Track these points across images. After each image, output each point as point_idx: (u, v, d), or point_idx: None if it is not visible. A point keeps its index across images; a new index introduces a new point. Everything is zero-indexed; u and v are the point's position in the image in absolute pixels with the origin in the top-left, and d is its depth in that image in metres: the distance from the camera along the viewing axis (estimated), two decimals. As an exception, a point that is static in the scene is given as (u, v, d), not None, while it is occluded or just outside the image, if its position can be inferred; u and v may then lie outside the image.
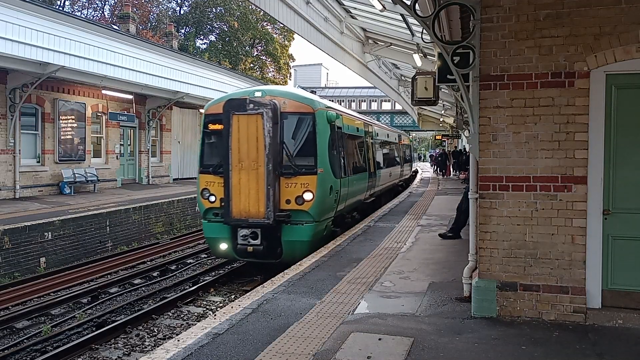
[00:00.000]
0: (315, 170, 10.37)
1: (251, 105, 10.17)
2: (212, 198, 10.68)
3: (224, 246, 10.62)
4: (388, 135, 21.81)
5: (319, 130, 10.63)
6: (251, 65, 50.68)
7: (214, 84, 26.08)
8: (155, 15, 47.23)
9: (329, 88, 63.70)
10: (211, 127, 11.17)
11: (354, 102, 56.49)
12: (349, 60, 17.25)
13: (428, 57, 14.46)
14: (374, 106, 55.98)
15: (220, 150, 10.46)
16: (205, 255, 14.48)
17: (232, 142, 10.18)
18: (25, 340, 8.25)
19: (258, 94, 10.60)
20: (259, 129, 10.09)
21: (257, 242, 10.27)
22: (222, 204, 10.39)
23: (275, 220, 10.10)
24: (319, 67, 70.58)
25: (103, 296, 10.68)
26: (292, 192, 10.29)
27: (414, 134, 64.06)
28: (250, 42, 50.54)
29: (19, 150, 17.31)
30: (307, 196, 10.24)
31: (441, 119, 34.61)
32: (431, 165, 48.89)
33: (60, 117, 19.20)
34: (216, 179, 10.61)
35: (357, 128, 14.76)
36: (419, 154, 75.82)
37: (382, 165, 18.63)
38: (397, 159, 24.45)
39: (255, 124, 10.12)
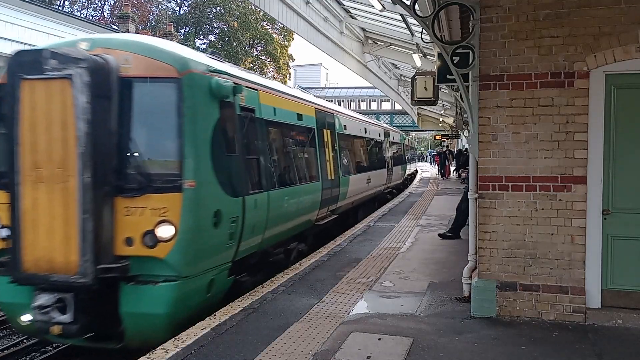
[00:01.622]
0: (178, 184, 5.71)
1: (52, 63, 5.49)
2: (3, 232, 5.93)
3: (26, 318, 5.89)
4: (366, 130, 16.95)
5: (191, 110, 5.93)
6: (251, 65, 50.65)
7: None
8: (154, 15, 47.21)
9: (329, 88, 63.71)
10: None
11: (353, 102, 56.55)
12: (349, 60, 17.26)
13: (428, 57, 14.48)
14: (374, 106, 56.02)
15: (4, 146, 5.81)
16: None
17: (22, 132, 5.59)
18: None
19: (83, 45, 6.04)
20: (66, 107, 5.50)
21: (67, 317, 5.61)
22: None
23: (100, 277, 5.51)
24: (319, 67, 70.61)
25: None
26: (137, 224, 5.67)
27: (413, 134, 64.04)
28: (250, 42, 50.52)
29: None
30: (164, 231, 5.64)
31: (441, 119, 34.62)
32: (433, 166, 48.77)
33: None
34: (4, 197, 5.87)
35: (298, 115, 9.87)
36: (421, 154, 75.32)
37: (353, 169, 14.18)
38: (382, 161, 19.29)
39: (59, 97, 5.52)
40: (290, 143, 9.64)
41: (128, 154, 5.87)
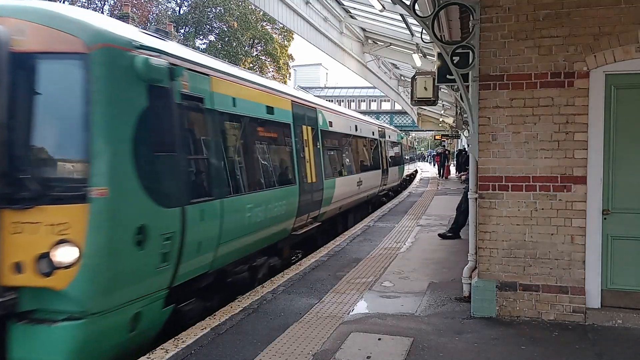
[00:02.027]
0: (83, 193, 4.48)
1: None
2: None
3: None
4: (357, 127, 15.40)
5: (104, 95, 4.70)
6: (251, 65, 50.65)
7: None
8: (154, 15, 47.21)
9: (329, 88, 63.72)
10: None
11: (353, 102, 56.61)
12: (349, 60, 17.27)
13: (427, 57, 14.48)
14: (374, 106, 56.08)
15: None
16: None
17: None
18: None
19: None
20: None
21: None
22: None
23: None
24: (319, 67, 70.61)
25: None
26: (29, 244, 4.44)
27: (413, 134, 64.05)
28: (249, 42, 50.52)
29: None
30: (64, 254, 4.43)
31: (441, 119, 34.61)
32: (433, 165, 48.73)
33: None
34: None
35: (268, 108, 8.32)
36: (421, 154, 75.09)
37: (340, 170, 12.86)
38: (376, 162, 17.93)
39: None
40: (256, 141, 8.08)
41: (18, 153, 4.47)
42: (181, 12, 49.55)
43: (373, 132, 18.06)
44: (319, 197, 10.52)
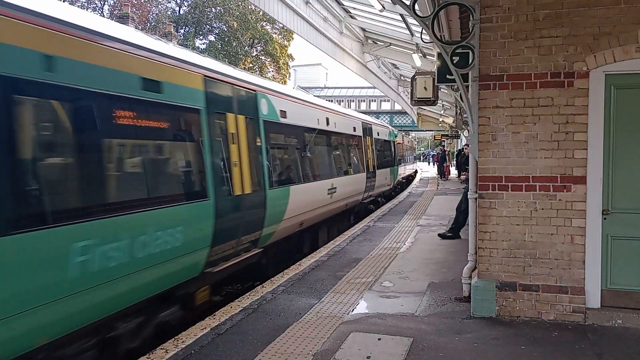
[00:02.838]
0: None
1: None
2: None
3: None
4: (329, 121, 12.35)
5: None
6: (250, 65, 50.66)
7: None
8: (154, 15, 47.23)
9: (329, 88, 63.73)
10: None
11: (353, 102, 56.64)
12: (349, 60, 17.27)
13: (427, 57, 14.49)
14: (374, 106, 56.08)
15: None
16: None
17: None
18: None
19: None
20: None
21: None
22: None
23: None
24: (319, 67, 70.61)
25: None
26: None
27: (413, 134, 64.06)
28: (249, 42, 50.53)
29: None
30: None
31: (440, 119, 34.60)
32: (433, 165, 48.71)
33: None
34: None
35: (147, 82, 5.37)
36: (422, 154, 74.87)
37: (299, 175, 9.94)
38: (358, 163, 15.23)
39: None
40: (109, 133, 5.00)
41: None
42: (181, 12, 49.58)
43: (354, 128, 15.17)
44: (259, 213, 7.70)
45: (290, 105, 9.66)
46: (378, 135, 18.72)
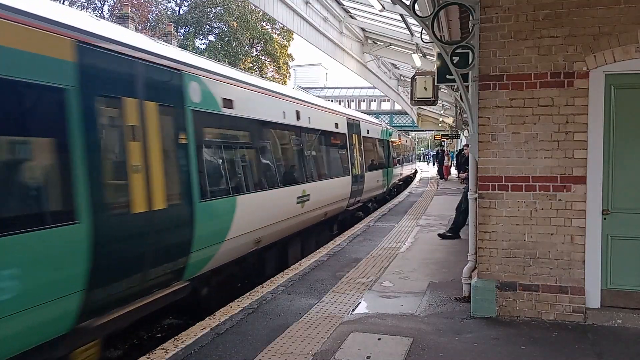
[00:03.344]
0: None
1: None
2: None
3: None
4: (300, 115, 10.26)
5: None
6: (250, 65, 50.66)
7: None
8: (154, 15, 47.23)
9: (329, 88, 63.73)
10: None
11: (353, 102, 56.61)
12: (348, 60, 17.28)
13: (427, 57, 14.49)
14: (374, 106, 56.05)
15: None
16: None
17: None
18: None
19: None
20: None
21: None
22: None
23: None
24: (319, 67, 70.59)
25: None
26: None
27: (413, 134, 64.07)
28: (249, 42, 50.54)
29: None
30: None
31: (440, 119, 34.60)
32: (433, 165, 48.67)
33: None
34: None
35: (27, 58, 3.93)
36: (422, 154, 74.69)
37: (246, 182, 7.69)
38: (341, 165, 13.34)
39: None
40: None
41: None
42: (181, 12, 49.59)
43: (337, 124, 13.09)
44: (182, 233, 5.89)
45: (239, 93, 7.50)
46: (368, 133, 16.89)
